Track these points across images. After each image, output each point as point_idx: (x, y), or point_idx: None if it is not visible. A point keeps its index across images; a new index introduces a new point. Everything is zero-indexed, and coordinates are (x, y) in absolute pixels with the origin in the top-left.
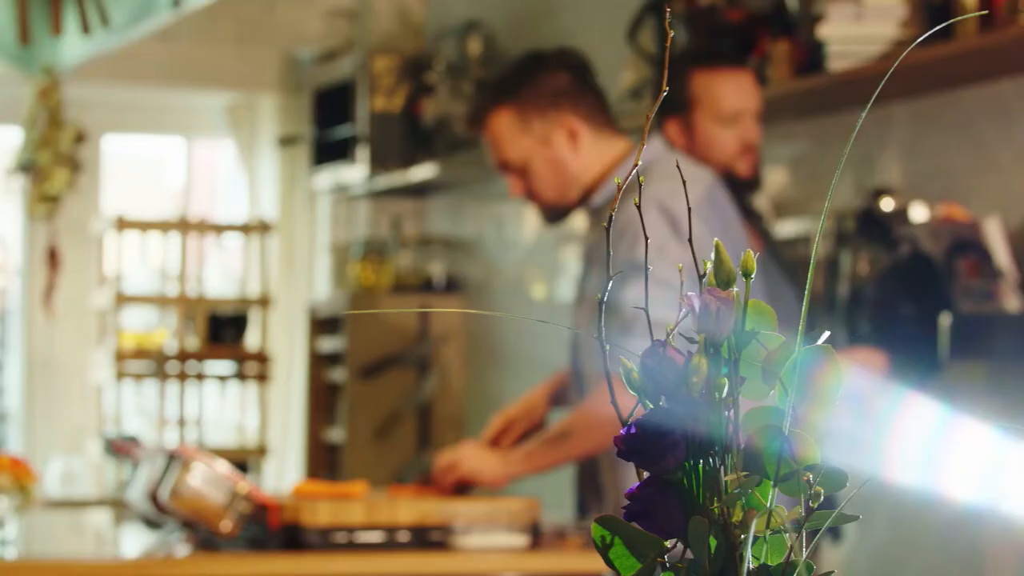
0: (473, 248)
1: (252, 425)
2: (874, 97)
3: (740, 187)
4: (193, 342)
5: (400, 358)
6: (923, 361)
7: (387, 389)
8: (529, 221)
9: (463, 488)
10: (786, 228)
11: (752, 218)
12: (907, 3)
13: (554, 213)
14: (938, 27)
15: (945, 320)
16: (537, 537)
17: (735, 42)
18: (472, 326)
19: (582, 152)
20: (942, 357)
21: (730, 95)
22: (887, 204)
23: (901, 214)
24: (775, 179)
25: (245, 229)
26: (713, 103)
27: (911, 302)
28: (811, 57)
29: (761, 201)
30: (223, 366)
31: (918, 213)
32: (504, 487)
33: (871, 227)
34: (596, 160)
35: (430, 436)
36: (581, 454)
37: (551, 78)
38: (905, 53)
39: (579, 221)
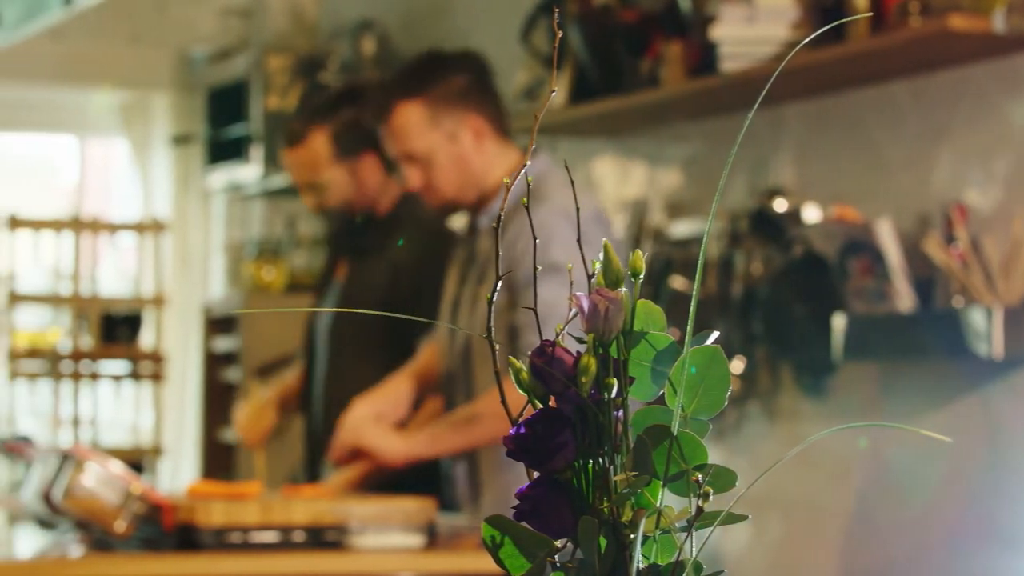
0: None
1: (146, 425)
2: (761, 97)
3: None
4: (87, 342)
5: (295, 358)
6: (816, 362)
7: None
8: None
9: (358, 459)
10: (680, 229)
11: None
12: (799, 5)
13: (446, 208)
14: (826, 27)
15: (838, 321)
16: (432, 537)
17: (628, 43)
18: None
19: (486, 153)
20: (835, 358)
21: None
22: (780, 205)
23: (794, 215)
24: (669, 180)
25: (139, 228)
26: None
27: (804, 303)
28: (704, 58)
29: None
30: (117, 366)
31: (811, 214)
32: (401, 466)
33: (764, 228)
34: (497, 164)
35: None
36: (488, 440)
37: (457, 77)
38: (792, 54)
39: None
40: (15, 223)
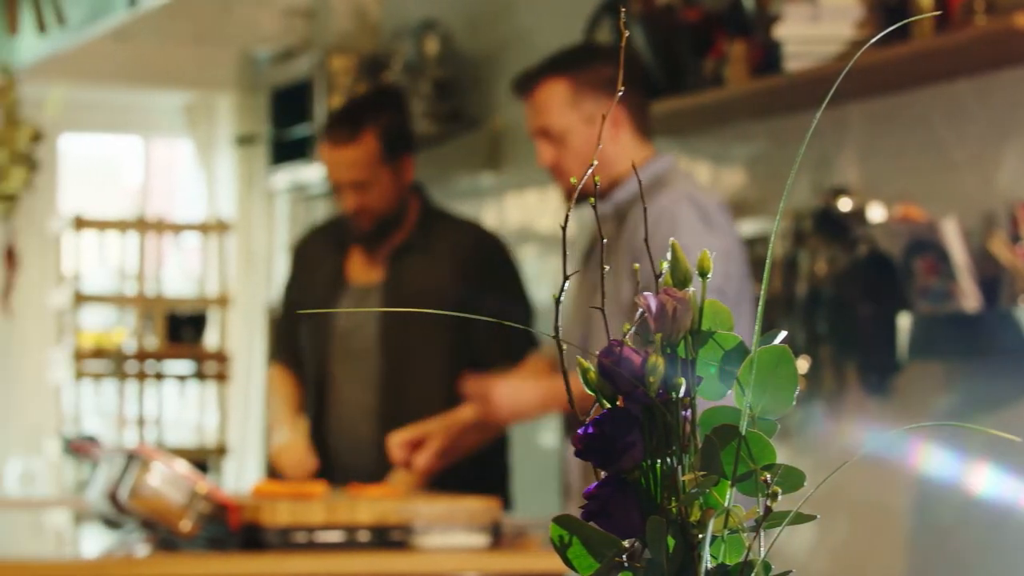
0: None
1: (211, 425)
2: (829, 96)
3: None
4: (152, 341)
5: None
6: (881, 361)
7: None
8: (490, 222)
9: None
10: (744, 228)
11: None
12: (863, 4)
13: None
14: (892, 27)
15: (903, 320)
16: (497, 537)
17: (692, 42)
18: None
19: (620, 144)
20: (900, 357)
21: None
22: (845, 204)
23: (859, 214)
24: (733, 179)
25: (203, 228)
26: None
27: (869, 302)
28: (768, 57)
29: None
30: (182, 365)
31: (876, 213)
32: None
33: (829, 227)
34: (628, 156)
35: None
36: None
37: (607, 67)
38: (860, 53)
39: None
40: (80, 223)
